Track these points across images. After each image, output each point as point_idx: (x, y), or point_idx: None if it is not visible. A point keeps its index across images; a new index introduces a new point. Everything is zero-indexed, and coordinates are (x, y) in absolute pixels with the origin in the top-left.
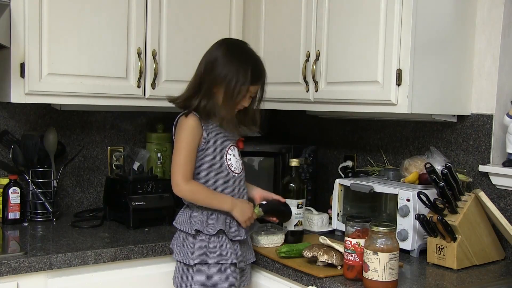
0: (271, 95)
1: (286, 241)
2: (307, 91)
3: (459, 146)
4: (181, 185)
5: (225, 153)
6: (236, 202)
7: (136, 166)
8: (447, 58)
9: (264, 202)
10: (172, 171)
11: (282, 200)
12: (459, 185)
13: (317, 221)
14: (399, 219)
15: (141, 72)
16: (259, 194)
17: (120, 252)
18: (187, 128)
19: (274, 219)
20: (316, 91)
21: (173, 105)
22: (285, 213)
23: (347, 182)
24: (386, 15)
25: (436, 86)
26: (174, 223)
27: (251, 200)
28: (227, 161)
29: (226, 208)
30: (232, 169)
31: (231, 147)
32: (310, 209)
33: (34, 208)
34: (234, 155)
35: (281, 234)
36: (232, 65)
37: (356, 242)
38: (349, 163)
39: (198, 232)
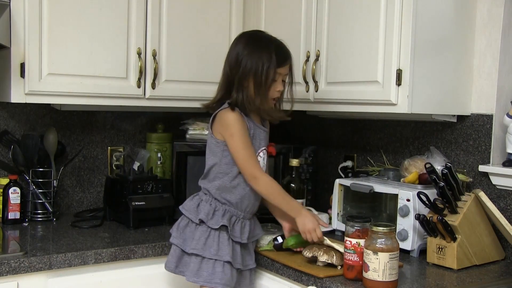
0: None
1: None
2: (307, 91)
3: (459, 146)
4: (261, 177)
5: (257, 155)
6: (302, 211)
7: (136, 166)
8: (447, 58)
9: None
10: (245, 166)
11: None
12: (459, 185)
13: None
14: (399, 219)
15: (141, 72)
16: (288, 225)
17: (120, 252)
18: (237, 121)
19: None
20: (316, 91)
21: (174, 106)
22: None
23: (347, 182)
24: (386, 15)
25: (436, 86)
26: (180, 207)
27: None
28: None
29: (293, 213)
30: None
31: (264, 150)
32: (310, 209)
33: (34, 208)
34: (264, 158)
35: (281, 234)
36: (255, 54)
37: (356, 242)
38: (349, 163)
39: (201, 222)
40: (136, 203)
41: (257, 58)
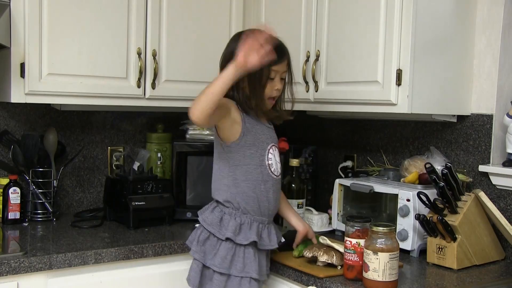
0: None
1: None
2: (307, 91)
3: (459, 146)
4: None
5: (267, 152)
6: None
7: (136, 166)
8: (447, 58)
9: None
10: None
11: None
12: (459, 185)
13: (317, 221)
14: (399, 219)
15: (141, 72)
16: (305, 229)
17: (120, 252)
18: (230, 101)
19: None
20: (316, 91)
21: (174, 106)
22: None
23: (347, 182)
24: (386, 15)
25: (436, 86)
26: (201, 221)
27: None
28: (268, 160)
29: (231, 70)
30: (272, 170)
31: (273, 147)
32: (310, 209)
33: (34, 208)
34: (274, 155)
35: (283, 233)
36: None
37: (356, 242)
38: (349, 163)
39: (227, 239)
40: (136, 203)
41: None
